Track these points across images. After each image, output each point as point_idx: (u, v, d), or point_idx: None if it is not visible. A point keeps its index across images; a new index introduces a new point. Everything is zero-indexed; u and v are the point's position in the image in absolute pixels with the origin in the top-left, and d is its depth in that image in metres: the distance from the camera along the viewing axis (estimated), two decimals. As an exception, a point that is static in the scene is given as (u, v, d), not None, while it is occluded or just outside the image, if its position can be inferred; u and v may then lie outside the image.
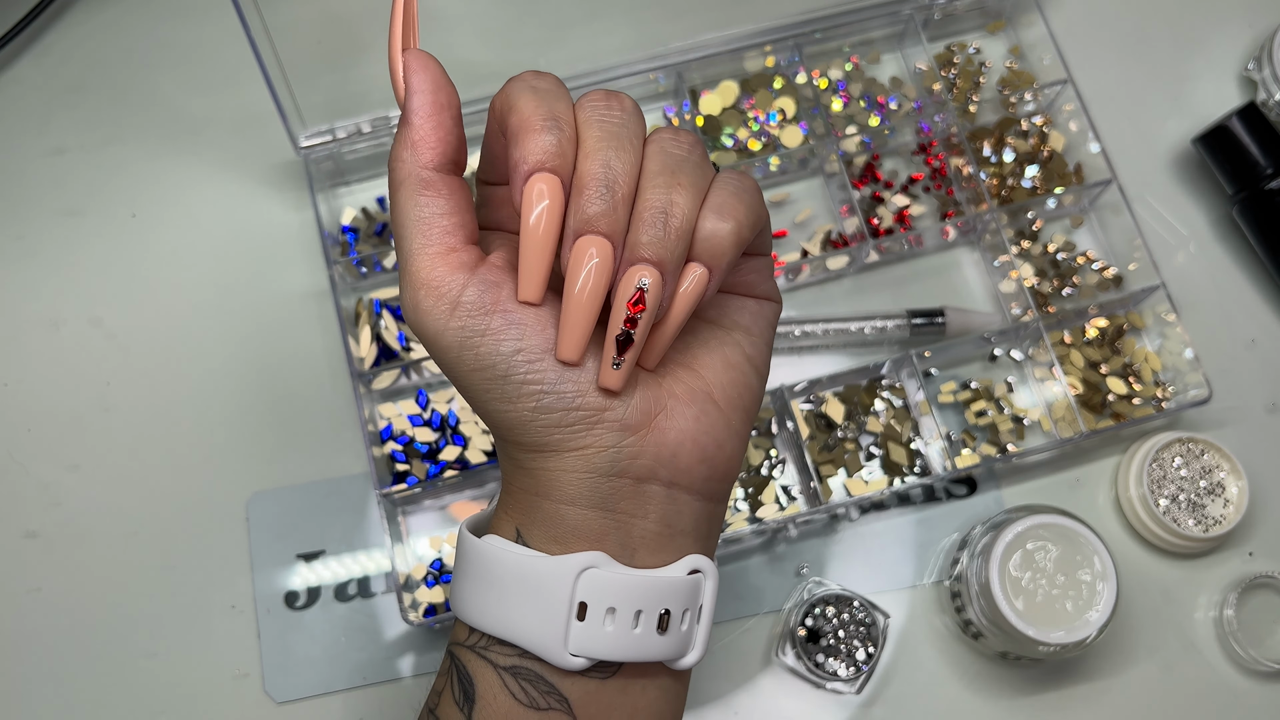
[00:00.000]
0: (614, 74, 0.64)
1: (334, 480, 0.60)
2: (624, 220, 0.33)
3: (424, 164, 0.34)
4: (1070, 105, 0.65)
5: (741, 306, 0.38)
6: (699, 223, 0.33)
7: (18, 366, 0.62)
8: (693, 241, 0.34)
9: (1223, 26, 0.70)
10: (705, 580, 0.36)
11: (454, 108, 0.35)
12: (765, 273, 0.38)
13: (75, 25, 0.68)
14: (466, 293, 0.33)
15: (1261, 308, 0.64)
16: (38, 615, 0.58)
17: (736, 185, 0.35)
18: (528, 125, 0.33)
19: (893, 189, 0.66)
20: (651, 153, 0.34)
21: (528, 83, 0.34)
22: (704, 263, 0.34)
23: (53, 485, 0.60)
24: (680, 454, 0.35)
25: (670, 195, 0.33)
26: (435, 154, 0.34)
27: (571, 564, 0.34)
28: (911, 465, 0.60)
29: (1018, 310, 0.63)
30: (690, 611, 0.36)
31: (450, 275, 0.34)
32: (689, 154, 0.34)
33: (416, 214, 0.34)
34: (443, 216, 0.34)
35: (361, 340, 0.61)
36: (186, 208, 0.65)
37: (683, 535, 0.36)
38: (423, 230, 0.34)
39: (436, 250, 0.34)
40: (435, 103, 0.34)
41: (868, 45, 0.68)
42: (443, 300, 0.33)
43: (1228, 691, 0.58)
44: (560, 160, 0.32)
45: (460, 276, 0.34)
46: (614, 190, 0.32)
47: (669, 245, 0.33)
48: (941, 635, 0.58)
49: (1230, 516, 0.58)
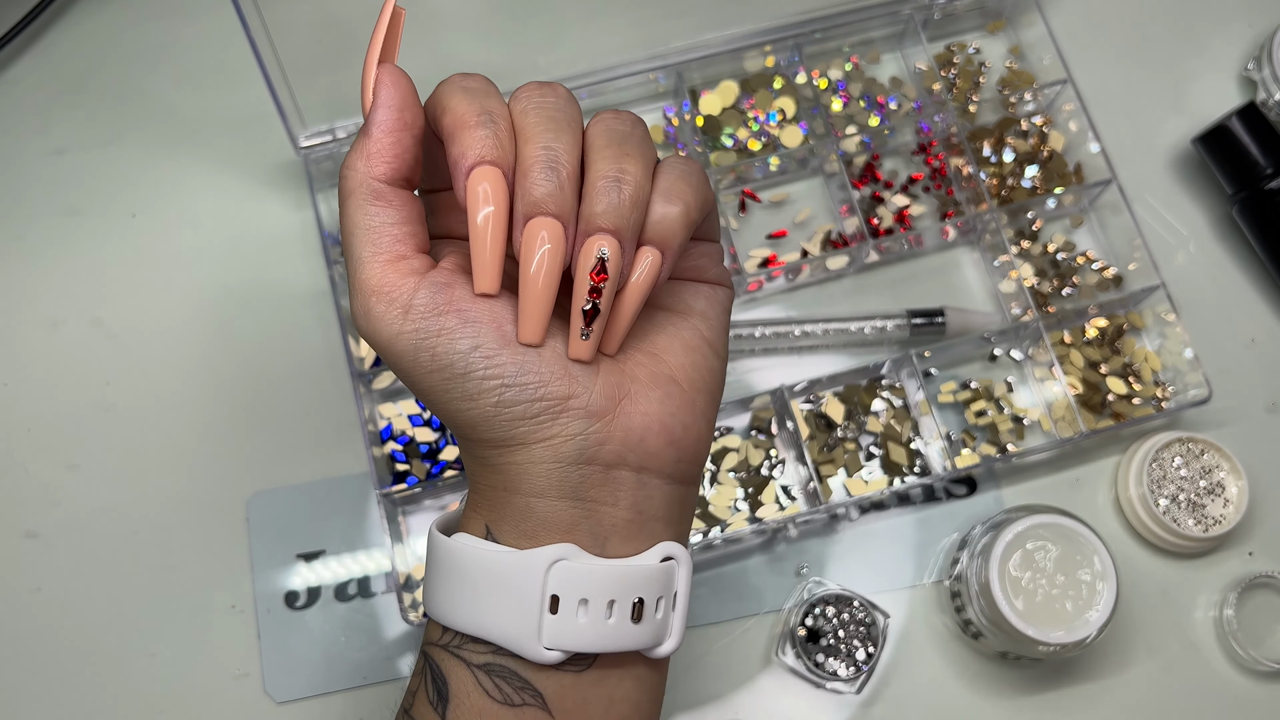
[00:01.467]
0: (614, 74, 0.64)
1: (334, 480, 0.60)
2: (572, 200, 0.33)
3: (376, 176, 0.34)
4: (1070, 105, 0.65)
5: (695, 292, 0.38)
6: (650, 204, 0.34)
7: (18, 366, 0.62)
8: (643, 225, 0.34)
9: (1222, 26, 0.70)
10: (678, 567, 0.36)
11: (416, 129, 0.34)
12: (715, 257, 0.38)
13: (75, 25, 0.68)
14: (418, 296, 0.33)
15: (1261, 307, 0.64)
16: (38, 615, 0.58)
17: (683, 168, 0.35)
18: (462, 122, 0.33)
19: (893, 189, 0.66)
20: (595, 131, 0.34)
21: (456, 84, 0.34)
22: (655, 245, 0.34)
23: (53, 485, 0.60)
24: (648, 437, 0.35)
25: (620, 164, 0.33)
26: (389, 168, 0.34)
27: (542, 557, 0.34)
28: (911, 465, 0.60)
29: (1017, 310, 0.63)
30: (665, 599, 0.36)
31: (401, 280, 0.33)
32: (632, 130, 0.35)
33: (366, 223, 0.34)
34: (393, 226, 0.34)
35: (362, 340, 0.61)
36: (187, 208, 0.65)
37: (654, 521, 0.36)
38: (372, 239, 0.34)
39: (386, 258, 0.34)
40: (399, 120, 0.34)
41: (867, 45, 0.68)
42: (394, 305, 0.33)
43: (1227, 691, 0.58)
44: (499, 152, 0.33)
45: (411, 281, 0.33)
46: (558, 170, 0.33)
47: (624, 213, 0.33)
48: (941, 635, 0.58)
49: (1230, 516, 0.58)
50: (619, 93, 0.66)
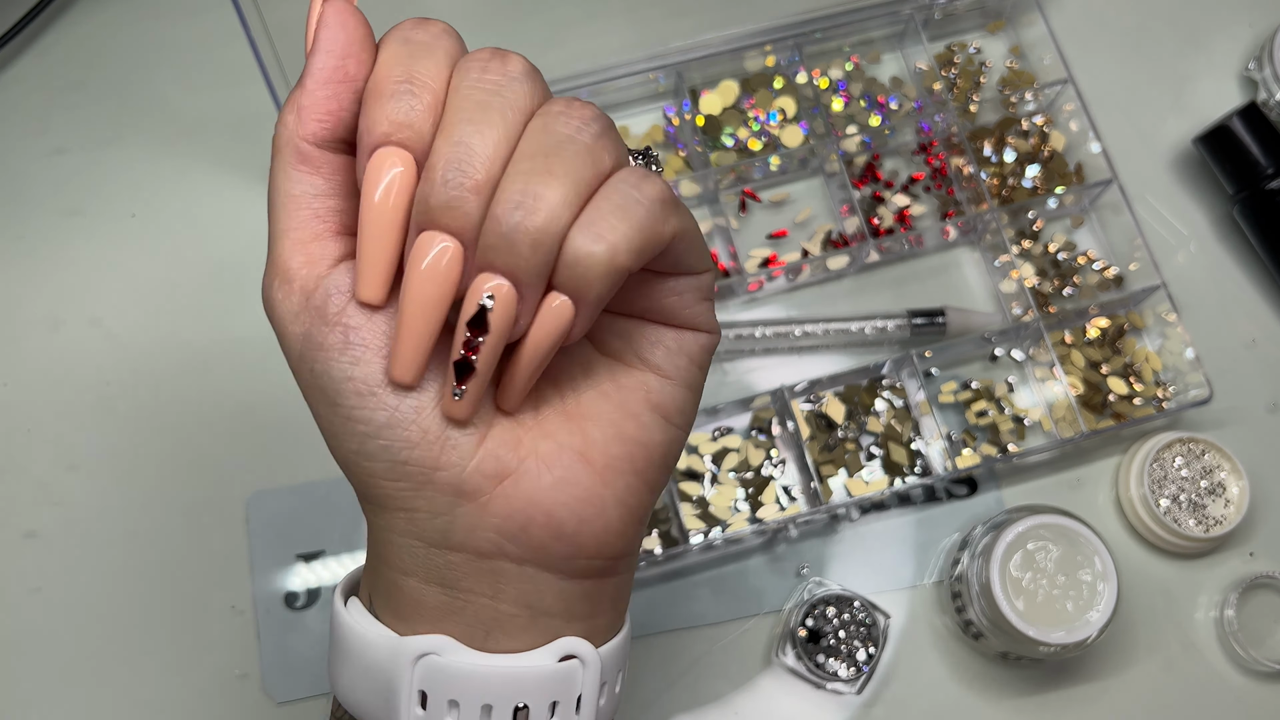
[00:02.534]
0: (614, 74, 0.64)
1: (334, 480, 0.60)
2: (477, 215, 0.26)
3: (306, 135, 0.28)
4: (1071, 105, 0.65)
5: (655, 339, 0.30)
6: (567, 238, 0.26)
7: (18, 366, 0.62)
8: (553, 266, 0.27)
9: (1223, 26, 0.70)
10: (583, 668, 0.30)
11: (359, 81, 0.28)
12: (695, 294, 0.30)
13: (75, 25, 0.68)
14: (317, 293, 0.28)
15: (1262, 308, 0.64)
16: (38, 615, 0.58)
17: (627, 194, 0.27)
18: (378, 87, 0.27)
19: (893, 189, 0.66)
20: (531, 129, 0.27)
21: (400, 33, 0.28)
22: (567, 292, 0.27)
23: (52, 485, 0.60)
24: (531, 528, 0.29)
25: (532, 185, 0.26)
26: (321, 127, 0.28)
27: (408, 649, 0.29)
28: (912, 465, 0.60)
29: (1018, 310, 0.62)
30: (563, 704, 0.29)
31: (306, 267, 0.28)
32: (576, 133, 0.27)
33: (287, 189, 0.28)
34: (316, 198, 0.29)
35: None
36: (186, 207, 0.65)
37: (549, 617, 0.30)
38: (290, 209, 0.28)
39: (300, 236, 0.28)
40: (339, 70, 0.28)
41: (868, 45, 0.68)
42: (293, 295, 0.28)
43: (1228, 691, 0.58)
44: (412, 132, 0.27)
45: (318, 270, 0.28)
46: (466, 174, 0.26)
47: (520, 253, 0.26)
48: (942, 636, 0.58)
49: (1231, 517, 0.58)
50: (619, 93, 0.66)
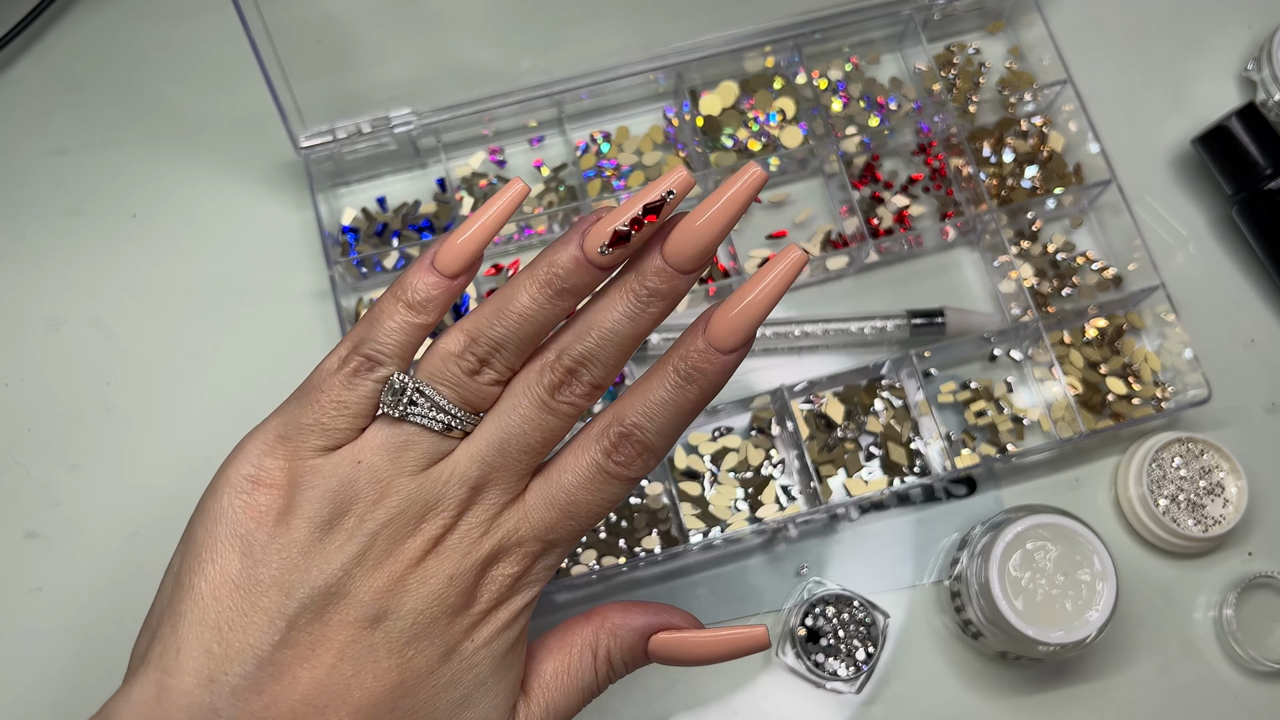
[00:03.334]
0: (614, 74, 0.64)
1: (334, 480, 0.60)
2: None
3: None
4: (1070, 105, 0.65)
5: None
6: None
7: (18, 366, 0.62)
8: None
9: (1222, 27, 0.70)
10: None
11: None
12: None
13: (75, 25, 0.68)
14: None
15: (1261, 308, 0.65)
16: (38, 615, 0.58)
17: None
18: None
19: (892, 189, 0.66)
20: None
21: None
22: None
23: (53, 485, 0.60)
24: None
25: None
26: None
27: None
28: (911, 465, 0.60)
29: (1017, 310, 0.63)
30: None
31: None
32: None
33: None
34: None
35: (361, 340, 0.61)
36: (187, 208, 0.65)
37: None
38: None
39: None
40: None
41: (867, 46, 0.68)
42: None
43: (1227, 691, 0.58)
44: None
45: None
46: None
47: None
48: (941, 635, 0.58)
49: (1230, 516, 0.58)
50: (619, 93, 0.66)
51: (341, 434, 0.36)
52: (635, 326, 0.35)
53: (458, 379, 0.35)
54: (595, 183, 0.65)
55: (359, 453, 0.35)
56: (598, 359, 0.35)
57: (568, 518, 0.37)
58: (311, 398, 0.36)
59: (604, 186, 0.65)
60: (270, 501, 0.35)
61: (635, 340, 0.36)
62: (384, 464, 0.35)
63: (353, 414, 0.35)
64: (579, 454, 0.37)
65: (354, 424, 0.36)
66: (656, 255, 0.34)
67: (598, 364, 0.36)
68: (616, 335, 0.35)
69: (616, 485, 0.37)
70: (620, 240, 0.34)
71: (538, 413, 0.36)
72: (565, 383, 0.36)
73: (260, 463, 0.36)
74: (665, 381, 0.35)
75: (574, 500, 0.36)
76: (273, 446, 0.36)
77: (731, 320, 0.35)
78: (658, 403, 0.36)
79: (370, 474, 0.35)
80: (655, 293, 0.35)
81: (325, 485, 0.35)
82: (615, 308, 0.35)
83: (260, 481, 0.36)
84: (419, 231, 0.64)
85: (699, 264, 0.35)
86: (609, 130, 0.67)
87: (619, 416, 0.36)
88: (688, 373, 0.35)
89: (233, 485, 0.36)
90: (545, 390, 0.36)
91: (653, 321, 0.35)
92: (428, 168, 0.66)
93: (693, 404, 0.36)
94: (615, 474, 0.36)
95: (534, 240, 0.65)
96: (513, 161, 0.66)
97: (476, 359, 0.35)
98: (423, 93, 0.62)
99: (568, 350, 0.36)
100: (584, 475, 0.36)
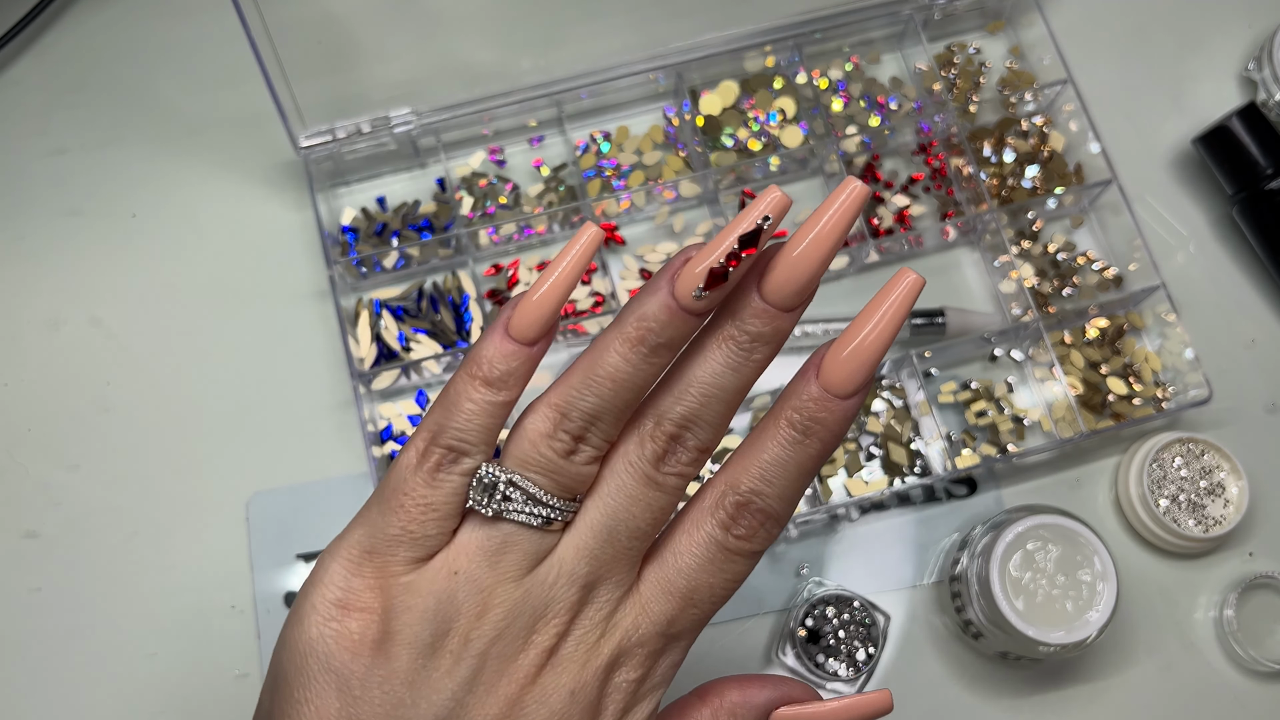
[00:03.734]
0: (614, 74, 0.64)
1: (334, 480, 0.60)
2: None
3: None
4: (1070, 105, 0.65)
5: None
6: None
7: (18, 366, 0.62)
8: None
9: (1222, 26, 0.70)
10: None
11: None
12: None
13: (75, 25, 0.68)
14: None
15: (1261, 308, 0.64)
16: (38, 615, 0.58)
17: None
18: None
19: (893, 189, 0.66)
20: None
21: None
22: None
23: (53, 485, 0.60)
24: None
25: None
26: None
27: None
28: (912, 465, 0.60)
29: (1018, 310, 0.63)
30: None
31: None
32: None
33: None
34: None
35: (361, 340, 0.61)
36: (186, 208, 0.65)
37: None
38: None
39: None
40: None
41: (868, 45, 0.68)
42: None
43: (1228, 692, 0.58)
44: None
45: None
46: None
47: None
48: (941, 635, 0.58)
49: (1230, 517, 0.58)
50: (619, 93, 0.66)
51: (433, 540, 0.32)
52: (739, 378, 0.31)
53: (552, 464, 0.31)
54: (595, 182, 0.65)
55: (454, 560, 0.31)
56: (702, 419, 0.32)
57: (689, 606, 0.33)
58: (395, 502, 0.32)
59: (604, 186, 0.65)
60: (364, 628, 0.31)
61: (740, 393, 0.32)
62: (483, 572, 0.31)
63: (441, 516, 0.31)
64: (693, 531, 0.32)
65: (444, 527, 0.32)
66: (754, 294, 0.31)
67: (703, 425, 0.32)
68: (720, 390, 0.31)
69: (740, 562, 0.32)
70: (717, 280, 0.30)
71: (644, 490, 0.32)
72: (670, 451, 0.32)
73: (348, 584, 0.32)
74: (779, 437, 0.31)
75: (695, 585, 0.32)
76: (358, 564, 0.32)
77: (848, 360, 0.31)
78: (774, 462, 0.32)
79: (470, 585, 0.31)
80: (758, 337, 0.31)
81: (423, 604, 0.31)
82: (715, 359, 0.31)
83: (350, 606, 0.31)
84: (419, 231, 0.64)
85: (802, 299, 0.31)
86: (609, 130, 0.67)
87: (733, 483, 0.32)
88: (804, 425, 0.31)
89: (319, 613, 0.31)
90: (649, 463, 0.32)
91: (757, 370, 0.32)
92: (427, 167, 0.66)
93: (813, 460, 0.32)
94: (737, 549, 0.32)
95: (533, 240, 0.65)
96: (512, 161, 0.66)
97: (570, 437, 0.31)
98: (422, 92, 0.62)
99: (667, 414, 0.32)
100: (702, 555, 0.32)
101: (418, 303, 0.63)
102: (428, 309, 0.63)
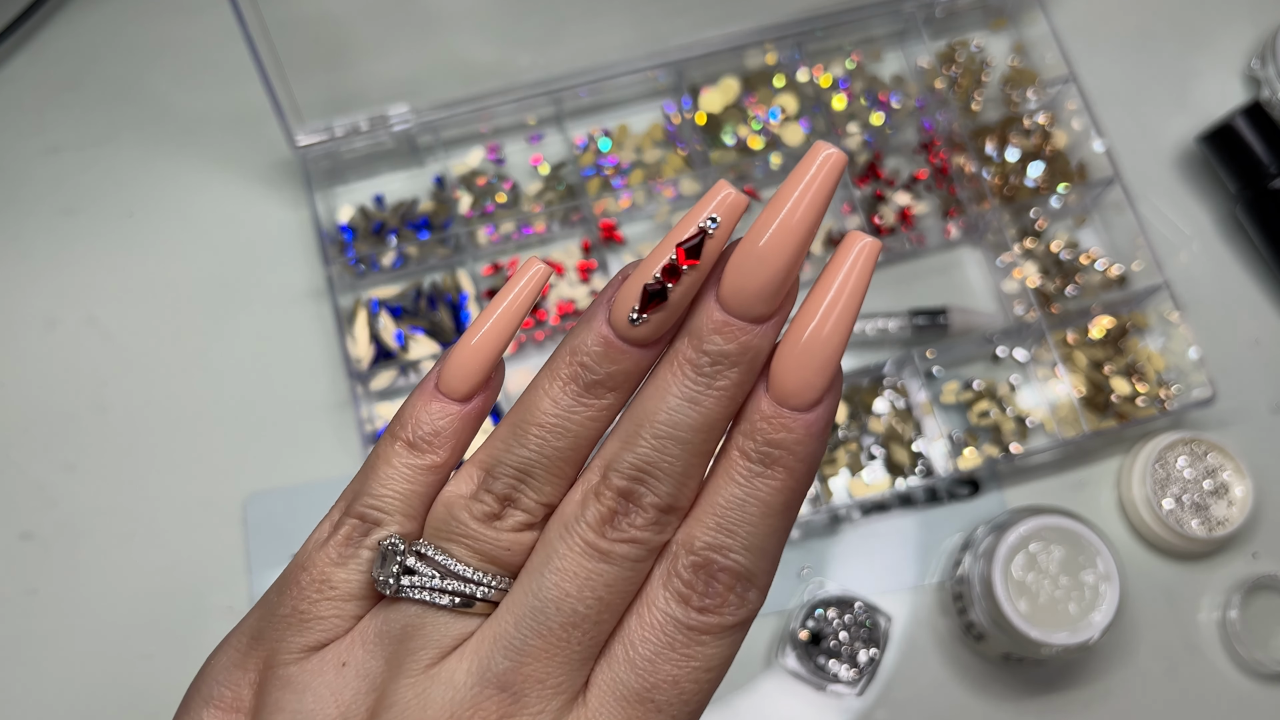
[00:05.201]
0: (613, 71, 0.64)
1: (332, 480, 0.60)
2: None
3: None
4: (1073, 103, 0.65)
5: None
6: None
7: (14, 366, 0.62)
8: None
9: (1227, 24, 0.70)
10: None
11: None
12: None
13: (70, 23, 0.68)
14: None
15: (1265, 307, 0.64)
16: (35, 617, 0.58)
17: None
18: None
19: (895, 187, 0.65)
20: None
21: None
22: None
23: (49, 485, 0.60)
24: None
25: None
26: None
27: None
28: (914, 466, 0.60)
29: (1021, 310, 0.62)
30: None
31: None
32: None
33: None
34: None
35: (359, 340, 0.61)
36: (183, 206, 0.65)
37: None
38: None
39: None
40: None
41: (869, 42, 0.68)
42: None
43: (1231, 693, 0.58)
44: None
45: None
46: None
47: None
48: (944, 637, 0.58)
49: (1234, 517, 0.58)
50: (619, 90, 0.65)
51: (327, 624, 0.26)
52: (701, 413, 0.24)
53: (472, 531, 0.25)
54: (595, 181, 0.64)
55: (345, 651, 0.26)
56: (660, 469, 0.25)
57: (651, 712, 0.25)
58: (291, 579, 0.27)
59: (603, 184, 0.64)
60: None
61: (708, 431, 0.25)
62: (377, 665, 0.25)
63: (341, 596, 0.26)
64: (645, 611, 0.25)
65: (344, 610, 0.26)
66: (712, 305, 0.24)
67: (661, 476, 0.25)
68: (678, 429, 0.24)
69: (710, 643, 0.25)
70: (655, 300, 0.24)
71: (584, 563, 0.25)
72: (620, 511, 0.25)
73: (227, 677, 0.27)
74: (733, 473, 0.25)
75: (653, 683, 0.25)
76: (245, 653, 0.27)
77: (801, 359, 0.25)
78: (732, 505, 0.25)
79: (361, 680, 0.25)
80: (720, 358, 0.24)
81: (296, 704, 0.25)
82: (670, 391, 0.24)
83: (220, 704, 0.27)
84: (416, 230, 0.63)
85: (771, 306, 0.24)
86: (609, 127, 0.66)
87: (685, 543, 0.25)
88: (761, 453, 0.25)
89: (190, 714, 0.27)
90: (591, 528, 0.25)
91: (725, 401, 0.25)
92: (425, 165, 0.66)
93: (780, 494, 0.25)
94: (702, 626, 0.25)
95: (532, 239, 0.64)
96: (511, 159, 0.66)
97: (495, 499, 0.25)
98: (420, 90, 0.62)
99: (616, 465, 0.25)
100: (659, 641, 0.25)
101: (415, 302, 0.62)
102: (426, 308, 0.62)
